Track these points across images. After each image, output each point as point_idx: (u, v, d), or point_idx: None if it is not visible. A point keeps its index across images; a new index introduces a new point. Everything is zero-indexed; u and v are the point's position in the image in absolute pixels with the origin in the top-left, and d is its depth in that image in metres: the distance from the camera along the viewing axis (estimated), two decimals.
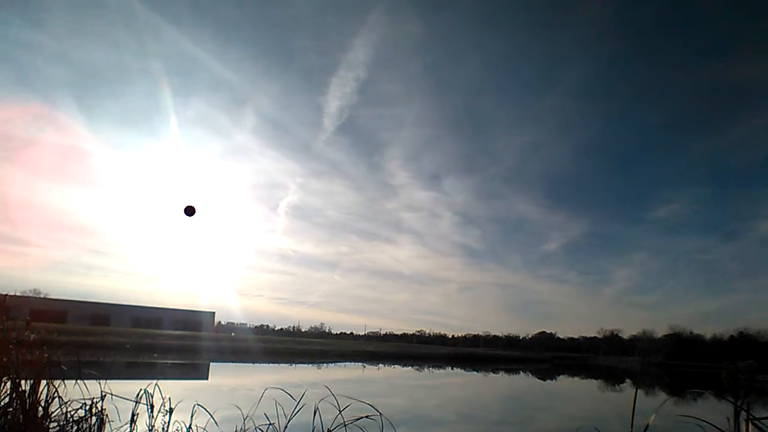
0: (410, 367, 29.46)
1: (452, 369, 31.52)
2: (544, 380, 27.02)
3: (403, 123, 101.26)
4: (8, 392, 3.74)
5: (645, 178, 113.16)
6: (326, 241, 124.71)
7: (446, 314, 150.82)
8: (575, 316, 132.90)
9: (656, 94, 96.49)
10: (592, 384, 26.20)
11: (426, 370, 28.63)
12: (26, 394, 3.72)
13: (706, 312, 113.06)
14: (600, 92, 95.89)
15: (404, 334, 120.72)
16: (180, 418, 4.12)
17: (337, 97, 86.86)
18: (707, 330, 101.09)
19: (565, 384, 25.81)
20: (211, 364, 22.78)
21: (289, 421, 3.71)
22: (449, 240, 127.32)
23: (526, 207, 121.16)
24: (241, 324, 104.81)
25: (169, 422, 4.07)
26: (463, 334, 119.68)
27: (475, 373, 28.76)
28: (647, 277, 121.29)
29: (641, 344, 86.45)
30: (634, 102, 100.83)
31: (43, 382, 3.84)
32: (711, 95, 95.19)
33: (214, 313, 73.83)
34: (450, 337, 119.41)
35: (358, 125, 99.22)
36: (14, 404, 3.69)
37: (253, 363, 25.28)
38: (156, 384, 4.23)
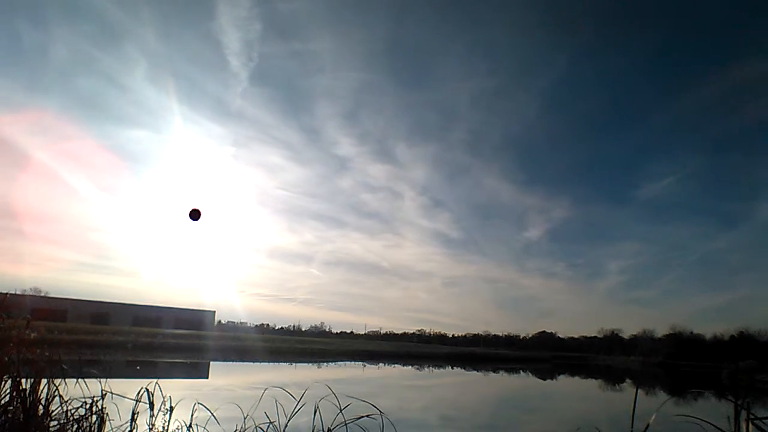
0: (410, 367, 29.47)
1: (452, 368, 31.53)
2: (544, 380, 27.01)
3: (323, 64, 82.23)
4: (9, 391, 3.74)
5: (627, 142, 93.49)
6: (288, 229, 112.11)
7: (438, 312, 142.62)
8: (572, 314, 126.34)
9: (632, 26, 77.59)
10: (592, 384, 26.20)
11: (426, 369, 28.65)
12: (27, 393, 3.72)
13: (706, 309, 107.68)
14: (563, 21, 77.32)
15: (404, 333, 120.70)
16: (180, 416, 4.12)
17: (233, 25, 68.61)
18: (708, 328, 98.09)
19: (564, 384, 25.81)
20: (211, 363, 22.80)
21: (289, 420, 3.71)
22: (419, 226, 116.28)
23: (496, 183, 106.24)
24: (242, 323, 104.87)
25: (169, 421, 4.07)
26: (464, 334, 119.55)
27: (475, 372, 28.76)
28: (641, 271, 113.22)
29: (642, 344, 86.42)
30: (606, 36, 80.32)
31: (44, 381, 3.84)
32: (700, 23, 75.94)
33: (214, 312, 73.90)
34: (450, 336, 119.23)
35: (273, 69, 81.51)
36: (15, 403, 3.69)
37: (253, 362, 25.30)
38: (156, 383, 4.23)
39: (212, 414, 4.02)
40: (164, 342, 28.73)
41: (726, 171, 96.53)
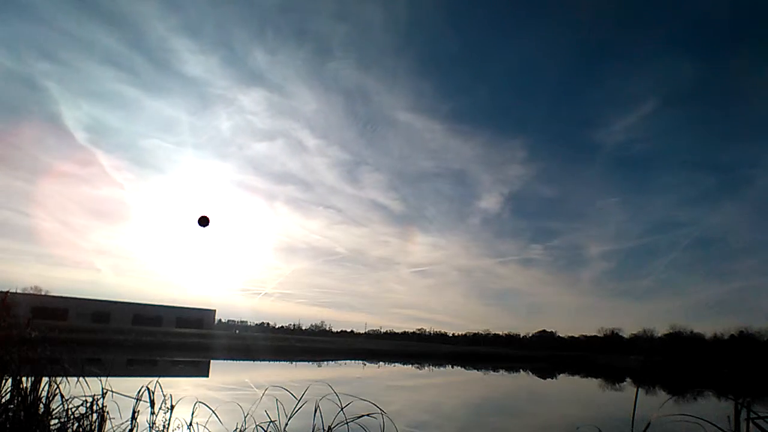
0: (409, 366, 29.48)
1: (452, 367, 31.54)
2: (544, 378, 27.00)
3: None
4: (10, 389, 3.75)
5: (572, 38, 57.64)
6: (207, 201, 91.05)
7: (421, 307, 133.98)
8: (563, 310, 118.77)
9: None
10: (591, 383, 26.18)
11: (425, 368, 28.65)
12: (28, 392, 3.72)
13: (705, 302, 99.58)
14: None
15: (405, 332, 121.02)
16: (181, 415, 4.12)
17: None
18: (707, 323, 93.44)
19: (562, 383, 25.79)
20: (212, 361, 22.81)
21: (289, 419, 3.71)
22: (350, 196, 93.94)
23: (414, 120, 72.18)
24: (242, 321, 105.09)
25: (170, 419, 4.08)
26: (464, 333, 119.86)
27: (474, 371, 28.77)
28: (628, 257, 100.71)
29: (642, 343, 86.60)
30: None
31: (45, 380, 3.85)
32: None
33: (214, 310, 73.97)
34: (451, 335, 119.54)
35: None
36: (16, 401, 3.70)
37: (253, 361, 25.32)
38: (157, 381, 4.24)
39: (213, 412, 4.02)
40: (165, 341, 28.75)
41: (725, 90, 62.70)
